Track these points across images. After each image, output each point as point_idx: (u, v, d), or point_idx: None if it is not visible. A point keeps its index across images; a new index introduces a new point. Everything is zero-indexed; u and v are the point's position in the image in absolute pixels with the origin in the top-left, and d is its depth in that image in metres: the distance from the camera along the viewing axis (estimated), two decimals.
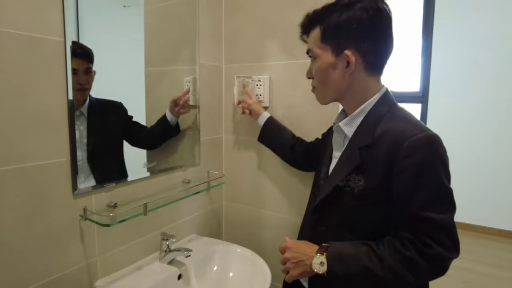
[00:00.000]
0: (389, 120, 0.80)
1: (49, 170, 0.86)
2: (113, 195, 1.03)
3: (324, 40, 0.83)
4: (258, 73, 1.40)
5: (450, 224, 0.73)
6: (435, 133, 0.75)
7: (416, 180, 0.73)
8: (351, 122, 0.86)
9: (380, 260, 0.75)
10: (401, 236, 0.75)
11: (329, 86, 0.86)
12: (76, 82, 0.91)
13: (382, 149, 0.77)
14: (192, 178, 1.35)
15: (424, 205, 0.73)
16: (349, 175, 0.82)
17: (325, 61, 0.84)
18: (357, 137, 0.84)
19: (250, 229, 1.52)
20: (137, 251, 1.14)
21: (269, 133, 1.30)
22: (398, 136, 0.75)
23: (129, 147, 1.12)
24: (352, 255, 0.78)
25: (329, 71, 0.84)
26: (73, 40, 0.88)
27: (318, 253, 0.81)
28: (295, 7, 1.27)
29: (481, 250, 3.05)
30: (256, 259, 1.24)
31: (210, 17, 1.40)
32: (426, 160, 0.72)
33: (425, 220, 0.72)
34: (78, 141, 0.93)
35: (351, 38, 0.79)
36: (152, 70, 1.18)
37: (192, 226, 1.41)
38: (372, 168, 0.78)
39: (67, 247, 0.92)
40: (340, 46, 0.80)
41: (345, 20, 0.79)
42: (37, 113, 0.82)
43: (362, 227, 0.83)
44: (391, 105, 0.84)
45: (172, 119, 1.24)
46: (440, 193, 0.73)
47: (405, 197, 0.74)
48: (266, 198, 1.46)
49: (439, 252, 0.71)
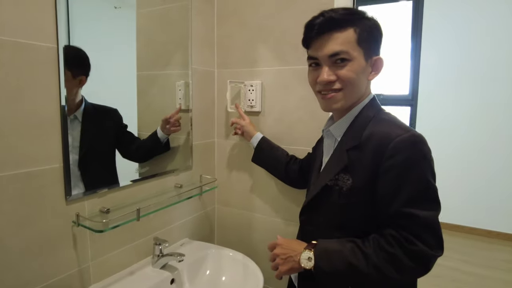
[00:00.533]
0: (375, 123, 0.83)
1: (42, 176, 0.86)
2: (105, 200, 1.03)
3: (359, 43, 0.82)
4: (250, 78, 1.41)
5: (434, 222, 0.75)
6: (419, 134, 0.77)
7: (401, 178, 0.75)
8: (339, 125, 0.90)
9: (365, 257, 0.77)
10: (385, 233, 0.77)
11: (356, 89, 0.86)
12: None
13: (368, 150, 0.80)
14: (185, 182, 1.35)
15: (408, 202, 0.74)
16: (337, 175, 0.85)
17: (360, 64, 0.83)
18: (345, 139, 0.87)
19: (242, 233, 1.53)
20: (129, 256, 1.14)
21: (263, 153, 1.31)
22: (384, 138, 0.78)
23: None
24: (337, 251, 0.80)
25: (360, 75, 0.84)
26: (64, 44, 0.87)
27: (306, 249, 0.83)
28: (287, 13, 1.29)
29: (470, 250, 3.10)
30: (248, 262, 1.25)
31: (203, 22, 1.41)
32: (410, 159, 0.75)
33: (408, 217, 0.74)
34: (71, 145, 0.93)
35: (378, 45, 0.86)
36: (144, 74, 1.18)
37: (184, 230, 1.41)
38: (360, 168, 0.81)
39: (60, 253, 0.92)
40: (371, 52, 0.84)
41: (375, 27, 0.84)
42: (30, 119, 0.82)
43: (350, 225, 0.85)
44: (377, 110, 0.88)
45: (162, 137, 1.25)
46: (424, 190, 0.75)
47: (389, 194, 0.76)
48: (258, 202, 1.47)
49: (422, 250, 0.73)
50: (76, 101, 0.96)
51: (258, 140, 1.31)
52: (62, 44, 0.87)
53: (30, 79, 0.81)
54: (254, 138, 1.32)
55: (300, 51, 1.03)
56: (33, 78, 0.82)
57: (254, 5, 1.37)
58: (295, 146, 1.32)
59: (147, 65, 1.20)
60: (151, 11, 1.20)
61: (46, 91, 0.85)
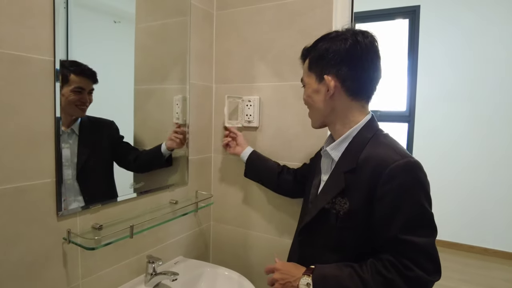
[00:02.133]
0: (372, 146, 0.84)
1: (33, 191, 0.84)
2: (98, 216, 1.01)
3: (310, 68, 0.92)
4: (249, 94, 1.40)
5: (431, 247, 0.76)
6: (415, 160, 0.78)
7: (396, 204, 0.76)
8: (337, 146, 0.91)
9: (362, 282, 0.77)
10: (383, 258, 0.78)
11: (315, 110, 0.94)
12: (79, 100, 0.94)
13: (365, 174, 0.81)
14: (180, 198, 1.33)
15: (404, 228, 0.75)
16: (334, 198, 0.86)
17: (311, 87, 0.92)
18: (342, 161, 0.88)
19: (238, 251, 1.50)
20: (121, 274, 1.11)
21: (254, 166, 1.30)
22: (380, 163, 0.78)
23: (117, 167, 1.10)
24: (335, 277, 0.80)
25: (314, 96, 0.92)
26: (61, 58, 0.87)
27: (305, 275, 0.84)
28: (285, 30, 1.30)
29: (469, 269, 3.06)
30: (243, 282, 1.22)
31: (201, 37, 1.41)
32: (406, 185, 0.76)
33: (405, 243, 0.75)
34: (69, 160, 0.92)
35: (331, 65, 0.87)
36: (142, 88, 1.18)
37: (179, 248, 1.38)
38: (356, 192, 0.82)
39: (49, 271, 0.89)
40: (322, 73, 0.88)
41: (326, 49, 0.88)
42: (23, 133, 0.80)
43: (347, 248, 0.86)
44: (375, 131, 0.88)
45: (165, 152, 1.25)
46: (420, 216, 0.76)
47: (386, 220, 0.77)
48: (254, 219, 1.44)
49: (420, 275, 0.73)
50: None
51: (248, 154, 1.31)
52: (59, 57, 0.86)
53: (25, 92, 0.80)
54: (244, 152, 1.32)
55: (298, 67, 1.03)
56: (28, 91, 0.81)
57: (253, 23, 1.38)
58: (292, 162, 1.31)
59: (145, 79, 1.19)
60: (150, 25, 1.20)
61: (41, 104, 0.84)
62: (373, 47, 0.86)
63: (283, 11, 1.31)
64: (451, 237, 3.45)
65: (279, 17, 1.32)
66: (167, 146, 1.25)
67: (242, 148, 1.34)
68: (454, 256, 3.31)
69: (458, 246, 3.44)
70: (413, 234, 0.75)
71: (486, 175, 3.34)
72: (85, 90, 0.96)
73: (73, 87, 0.92)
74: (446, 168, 3.45)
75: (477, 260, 3.25)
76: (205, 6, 1.42)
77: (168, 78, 1.28)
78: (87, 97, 0.97)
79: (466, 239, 3.43)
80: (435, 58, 3.47)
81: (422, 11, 3.47)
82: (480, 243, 3.38)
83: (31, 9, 0.80)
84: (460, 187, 3.44)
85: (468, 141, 3.40)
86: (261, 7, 1.36)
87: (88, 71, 0.96)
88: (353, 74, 0.86)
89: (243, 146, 1.34)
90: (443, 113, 3.48)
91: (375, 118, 0.91)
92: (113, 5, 1.05)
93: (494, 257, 3.29)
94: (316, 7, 1.23)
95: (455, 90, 3.43)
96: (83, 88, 0.95)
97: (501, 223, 3.29)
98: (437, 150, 3.49)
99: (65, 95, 0.90)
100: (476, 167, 3.37)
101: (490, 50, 3.26)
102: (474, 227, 3.40)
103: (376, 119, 0.92)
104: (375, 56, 0.87)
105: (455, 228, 3.44)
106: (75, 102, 0.93)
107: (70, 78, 0.92)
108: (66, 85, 0.90)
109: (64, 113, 0.90)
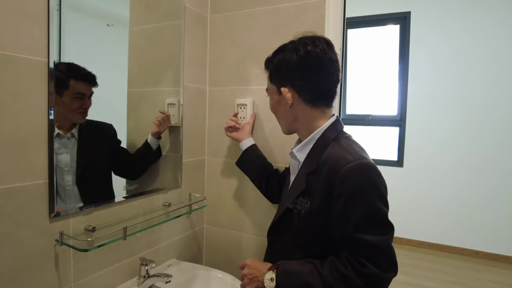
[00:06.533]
0: (333, 147, 0.87)
1: (25, 193, 0.83)
2: (91, 218, 1.00)
3: (271, 80, 0.97)
4: (242, 96, 1.41)
5: (385, 245, 0.79)
6: (368, 161, 0.81)
7: (350, 204, 0.79)
8: (302, 148, 0.94)
9: (322, 278, 0.81)
10: (341, 256, 0.82)
11: (281, 118, 1.00)
12: (81, 106, 0.94)
13: (322, 175, 0.85)
14: (173, 200, 1.33)
15: (358, 227, 0.79)
16: (297, 198, 0.90)
17: (273, 98, 0.98)
18: (306, 163, 0.91)
19: (231, 253, 1.50)
20: (114, 277, 1.10)
21: (249, 159, 1.28)
22: (335, 164, 0.82)
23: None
24: (298, 272, 0.85)
25: (277, 106, 0.97)
26: (55, 60, 0.87)
27: (270, 270, 0.88)
28: (278, 34, 1.32)
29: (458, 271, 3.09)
30: (237, 284, 1.22)
31: (195, 40, 1.42)
32: (358, 185, 0.79)
33: (359, 241, 0.79)
34: (68, 165, 0.92)
35: (286, 77, 0.92)
36: (135, 91, 1.18)
37: (172, 251, 1.37)
38: (316, 192, 0.86)
39: (41, 273, 0.88)
40: (280, 85, 0.93)
41: (280, 62, 0.92)
42: (15, 133, 0.80)
43: (310, 246, 0.90)
44: (338, 133, 0.91)
45: (152, 142, 1.22)
46: (372, 215, 0.80)
47: (342, 220, 0.81)
48: (248, 221, 1.45)
49: (374, 272, 0.77)
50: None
51: (248, 145, 1.28)
52: (52, 59, 0.86)
53: (18, 92, 0.80)
54: (247, 140, 1.29)
55: None
56: (22, 92, 0.81)
57: (246, 27, 1.40)
58: (284, 165, 1.31)
59: (138, 82, 1.20)
60: (144, 29, 1.21)
61: (34, 105, 0.84)
62: (325, 54, 0.88)
63: (276, 15, 1.32)
64: (442, 239, 3.50)
65: (272, 21, 1.33)
66: (151, 134, 1.22)
67: (245, 136, 1.30)
68: (445, 259, 3.34)
69: (450, 249, 3.48)
70: (367, 233, 0.78)
71: (480, 179, 3.38)
72: (86, 96, 0.95)
73: (75, 93, 0.92)
74: (438, 171, 3.50)
75: (468, 263, 3.28)
76: (199, 10, 1.43)
77: (161, 81, 1.29)
78: (88, 102, 0.96)
79: (458, 242, 3.46)
80: (424, 63, 3.53)
81: (413, 18, 3.53)
82: (471, 246, 3.42)
83: (24, 11, 0.80)
84: (459, 191, 3.47)
85: (462, 145, 3.43)
86: (254, 11, 1.37)
87: (88, 75, 0.96)
88: (308, 84, 0.89)
89: (247, 135, 1.31)
90: (435, 117, 3.52)
91: (339, 120, 0.95)
92: (105, 8, 1.06)
93: (485, 259, 3.33)
94: (309, 11, 1.25)
95: (443, 94, 3.48)
96: (84, 94, 0.95)
97: (492, 225, 3.33)
98: (428, 153, 3.53)
99: (66, 102, 0.90)
100: (470, 170, 3.41)
101: (474, 55, 3.35)
102: (465, 229, 3.44)
103: (341, 121, 0.95)
104: (329, 62, 0.89)
105: (447, 231, 3.48)
106: (77, 109, 0.93)
107: (70, 84, 0.91)
108: (66, 91, 0.90)
109: (65, 119, 0.90)
